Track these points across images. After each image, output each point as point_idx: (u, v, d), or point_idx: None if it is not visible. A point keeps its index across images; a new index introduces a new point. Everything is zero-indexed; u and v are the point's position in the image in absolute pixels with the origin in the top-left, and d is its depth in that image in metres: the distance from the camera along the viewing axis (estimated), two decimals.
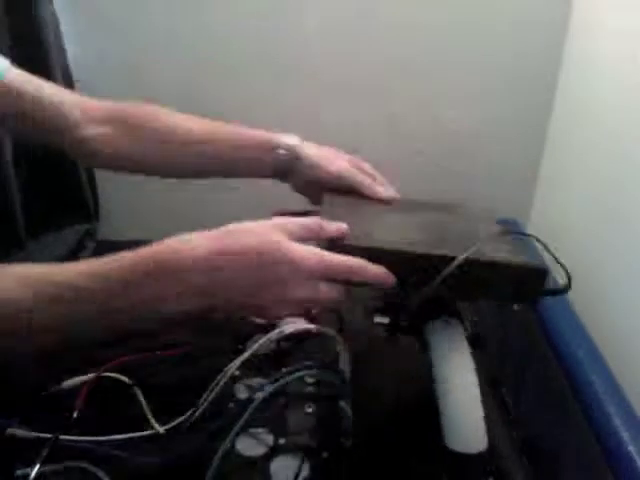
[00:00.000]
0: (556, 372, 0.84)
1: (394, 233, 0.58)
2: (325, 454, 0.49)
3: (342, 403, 0.52)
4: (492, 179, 1.16)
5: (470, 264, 0.49)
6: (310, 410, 0.58)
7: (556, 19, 1.02)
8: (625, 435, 0.67)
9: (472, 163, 1.14)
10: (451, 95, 1.08)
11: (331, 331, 0.67)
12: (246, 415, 0.49)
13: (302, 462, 0.47)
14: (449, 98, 1.09)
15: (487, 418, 0.55)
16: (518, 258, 0.54)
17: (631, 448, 0.65)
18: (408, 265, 0.50)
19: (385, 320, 0.61)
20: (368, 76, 1.06)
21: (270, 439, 0.52)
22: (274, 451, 0.50)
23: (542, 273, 0.53)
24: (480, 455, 0.49)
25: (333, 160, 0.72)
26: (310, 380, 0.65)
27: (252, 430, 0.54)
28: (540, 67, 1.06)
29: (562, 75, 1.06)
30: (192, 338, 0.71)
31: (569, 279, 0.59)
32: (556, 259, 0.60)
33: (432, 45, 1.04)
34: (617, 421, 0.69)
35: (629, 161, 0.83)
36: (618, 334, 0.83)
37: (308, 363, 0.57)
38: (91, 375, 0.66)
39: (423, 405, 0.57)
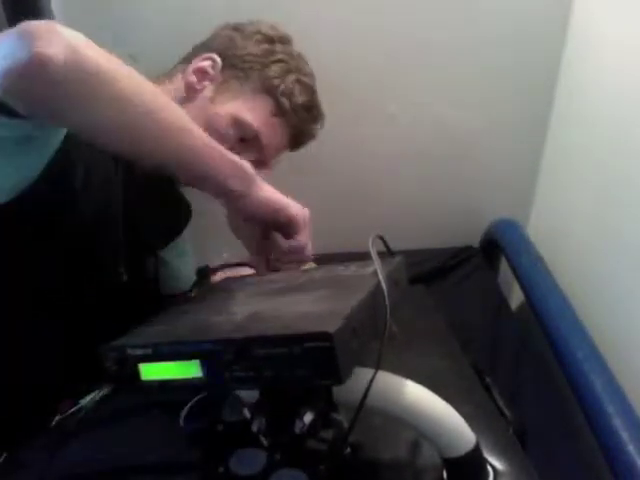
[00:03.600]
0: (555, 372, 0.84)
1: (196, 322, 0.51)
2: (323, 466, 0.48)
3: (335, 414, 0.51)
4: (492, 180, 1.16)
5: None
6: (302, 424, 0.57)
7: (556, 22, 1.02)
8: (624, 434, 0.67)
9: (472, 164, 1.14)
10: (452, 96, 1.08)
11: None
12: None
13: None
14: (450, 99, 1.08)
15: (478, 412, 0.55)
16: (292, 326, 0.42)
17: (630, 447, 0.66)
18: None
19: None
20: (368, 76, 1.06)
21: (263, 456, 0.50)
22: (271, 468, 0.49)
23: (324, 337, 0.38)
24: (473, 450, 0.48)
25: None
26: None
27: (244, 450, 0.52)
28: (540, 69, 1.05)
29: (562, 77, 1.05)
30: None
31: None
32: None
33: (433, 45, 1.04)
34: (617, 421, 0.69)
35: (628, 162, 0.83)
36: (617, 333, 0.84)
37: None
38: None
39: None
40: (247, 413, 0.50)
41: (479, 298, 1.06)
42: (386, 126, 1.11)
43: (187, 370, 0.44)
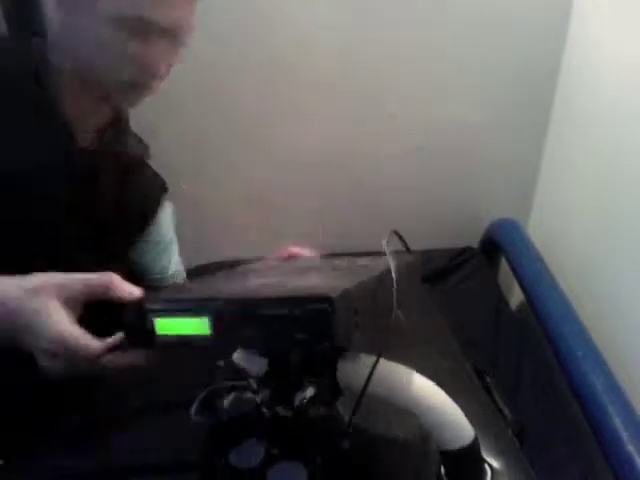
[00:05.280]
0: (555, 372, 0.84)
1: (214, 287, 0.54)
2: (319, 459, 0.49)
3: (336, 406, 0.52)
4: (492, 179, 1.16)
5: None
6: (303, 397, 0.57)
7: (556, 19, 1.02)
8: (625, 434, 0.67)
9: (472, 163, 1.15)
10: (451, 95, 1.08)
11: None
12: None
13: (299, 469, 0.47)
14: (449, 98, 1.08)
15: (477, 411, 0.55)
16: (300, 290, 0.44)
17: (630, 447, 0.66)
18: None
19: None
20: (368, 75, 1.06)
21: (262, 449, 0.51)
22: (269, 461, 0.50)
23: (325, 300, 0.40)
24: (470, 445, 0.48)
25: None
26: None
27: (243, 442, 0.53)
28: (540, 67, 1.06)
29: (562, 75, 1.06)
30: None
31: None
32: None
33: (433, 44, 1.04)
34: (617, 421, 0.69)
35: (627, 162, 0.83)
36: (618, 333, 0.83)
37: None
38: None
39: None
40: (253, 384, 0.51)
41: (479, 298, 1.06)
42: (386, 126, 1.10)
43: (197, 327, 0.46)
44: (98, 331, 0.50)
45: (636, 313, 0.80)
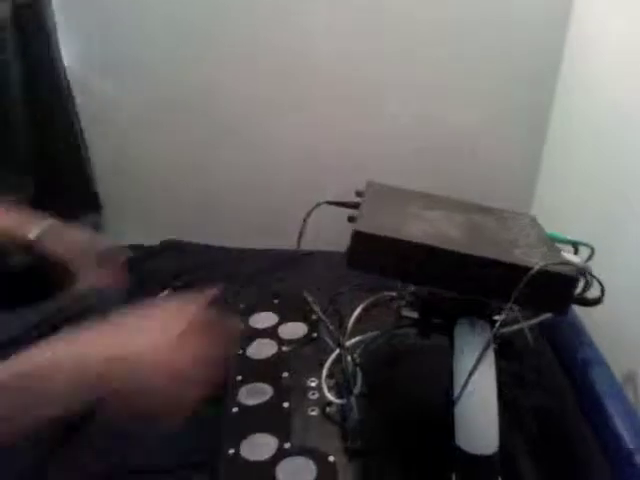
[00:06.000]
0: (555, 372, 0.84)
1: (430, 228, 0.59)
2: (332, 458, 0.49)
3: (349, 405, 0.52)
4: (492, 178, 1.15)
5: (508, 268, 0.51)
6: (314, 413, 0.58)
7: (557, 18, 1.02)
8: (625, 434, 0.67)
9: (472, 162, 1.14)
10: (451, 94, 1.08)
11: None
12: None
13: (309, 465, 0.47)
14: (449, 97, 1.08)
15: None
16: (550, 265, 0.53)
17: (630, 447, 0.66)
18: (441, 263, 0.52)
19: (414, 314, 0.61)
20: (368, 75, 1.06)
21: (275, 443, 0.52)
22: (280, 455, 0.50)
23: (571, 281, 0.53)
24: (490, 457, 0.48)
25: None
26: (313, 384, 0.65)
27: (256, 435, 0.53)
28: (540, 66, 1.06)
29: (562, 74, 1.06)
30: None
31: (602, 292, 0.57)
32: (591, 274, 0.58)
33: (432, 43, 1.04)
34: (617, 421, 0.69)
35: (629, 161, 0.83)
36: (618, 333, 0.83)
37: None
38: None
39: (435, 407, 0.56)
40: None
41: None
42: (385, 124, 1.11)
43: None
44: None
45: (638, 312, 0.80)
